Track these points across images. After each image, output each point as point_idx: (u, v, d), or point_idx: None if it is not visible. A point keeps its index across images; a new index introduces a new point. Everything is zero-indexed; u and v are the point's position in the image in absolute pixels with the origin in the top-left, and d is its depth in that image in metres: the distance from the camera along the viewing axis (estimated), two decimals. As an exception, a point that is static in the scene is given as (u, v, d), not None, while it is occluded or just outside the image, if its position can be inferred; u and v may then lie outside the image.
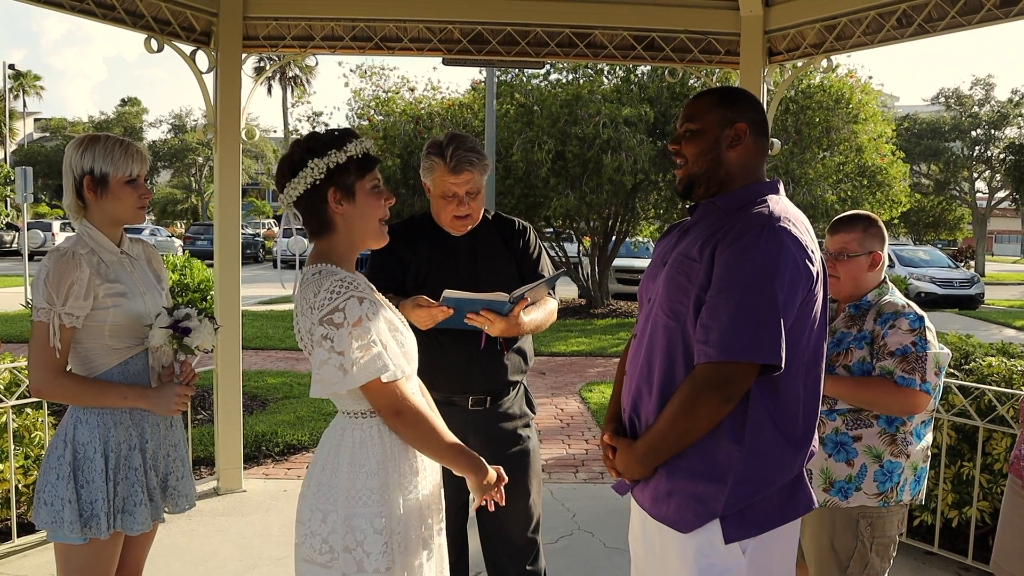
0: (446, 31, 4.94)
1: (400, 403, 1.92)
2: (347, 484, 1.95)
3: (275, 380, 8.54)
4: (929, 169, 35.13)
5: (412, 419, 1.93)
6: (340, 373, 1.85)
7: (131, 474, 2.35)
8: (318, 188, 1.95)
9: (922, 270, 20.55)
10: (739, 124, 1.99)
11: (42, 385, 2.27)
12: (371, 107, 15.39)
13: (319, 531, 1.95)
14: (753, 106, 2.04)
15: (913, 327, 2.56)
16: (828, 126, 14.11)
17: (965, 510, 3.99)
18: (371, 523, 1.92)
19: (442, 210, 2.79)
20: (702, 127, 2.02)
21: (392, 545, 1.94)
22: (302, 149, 1.98)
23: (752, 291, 1.80)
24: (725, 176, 2.00)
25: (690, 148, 2.03)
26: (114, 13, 4.33)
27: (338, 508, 1.94)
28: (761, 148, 2.03)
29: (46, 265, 2.26)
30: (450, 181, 2.72)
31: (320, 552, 1.95)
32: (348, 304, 1.86)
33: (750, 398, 1.86)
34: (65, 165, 2.37)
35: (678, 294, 1.93)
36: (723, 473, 1.87)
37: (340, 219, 1.98)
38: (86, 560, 2.30)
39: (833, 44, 4.78)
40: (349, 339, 1.84)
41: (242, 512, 4.68)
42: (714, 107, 2.03)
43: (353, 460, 1.96)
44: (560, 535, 4.38)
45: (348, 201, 1.97)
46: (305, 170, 1.94)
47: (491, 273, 2.82)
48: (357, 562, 1.91)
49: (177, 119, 49.70)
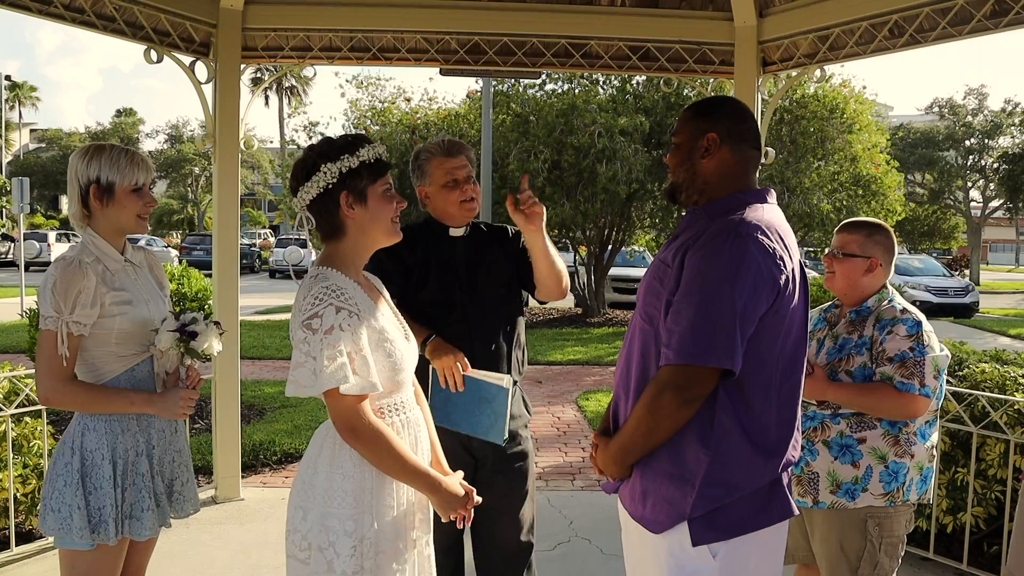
0: (443, 42, 4.98)
1: (354, 420, 1.92)
2: (325, 484, 1.98)
3: (272, 389, 8.55)
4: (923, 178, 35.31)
5: (366, 437, 1.93)
6: (312, 377, 1.88)
7: (138, 480, 2.37)
8: (330, 192, 1.99)
9: (917, 279, 20.63)
10: (710, 134, 2.03)
11: (51, 393, 2.29)
12: (367, 117, 15.45)
13: (300, 527, 1.99)
14: (730, 115, 2.08)
15: (911, 332, 2.59)
16: (823, 136, 14.20)
17: (960, 516, 4.02)
18: (343, 524, 1.95)
19: (448, 201, 2.83)
20: (680, 140, 2.11)
21: (361, 550, 1.95)
22: (316, 154, 2.01)
23: (712, 296, 1.83)
24: (704, 185, 2.05)
25: (672, 159, 2.13)
26: (114, 24, 4.37)
27: (316, 506, 1.97)
28: (742, 156, 2.06)
29: (53, 274, 2.28)
30: (449, 165, 2.81)
31: (300, 548, 1.98)
32: (326, 312, 1.90)
33: (717, 402, 1.89)
34: (70, 174, 2.40)
35: (652, 298, 1.99)
36: (691, 475, 1.90)
37: (351, 223, 2.02)
38: (91, 566, 2.32)
39: (826, 54, 4.83)
40: (320, 345, 1.88)
41: (240, 520, 4.70)
42: (691, 119, 2.11)
43: (332, 461, 1.99)
44: (558, 542, 4.40)
45: (360, 205, 2.01)
46: (318, 174, 1.98)
47: (490, 275, 2.88)
48: (328, 561, 1.94)
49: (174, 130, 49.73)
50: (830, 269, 2.78)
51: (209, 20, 4.75)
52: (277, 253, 30.05)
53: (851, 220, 2.84)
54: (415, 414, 2.14)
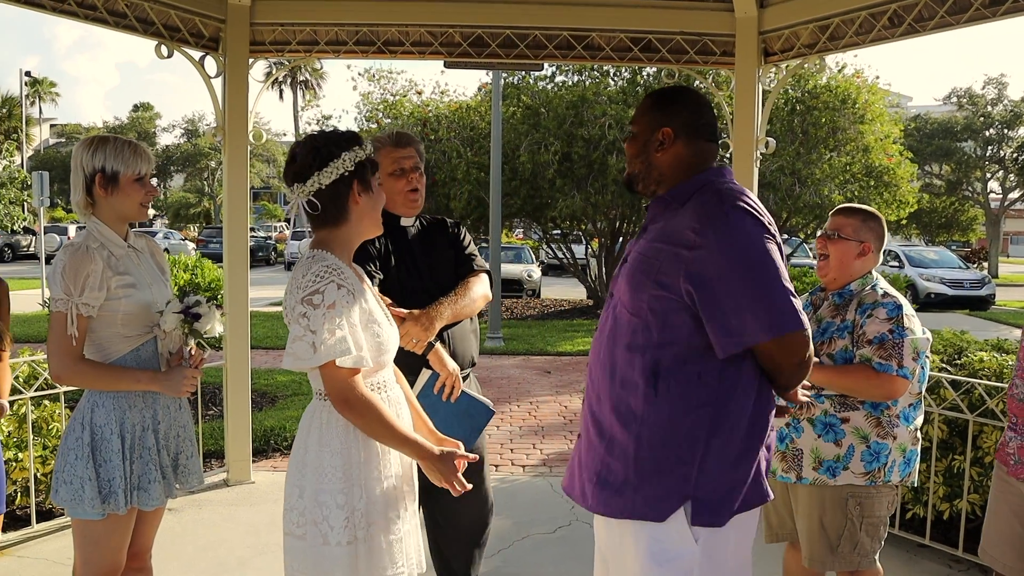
0: (447, 35, 5.06)
1: (347, 391, 2.01)
2: (315, 462, 2.08)
3: (284, 378, 8.69)
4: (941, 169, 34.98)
5: (359, 408, 2.02)
6: (311, 350, 1.98)
7: (145, 453, 2.49)
8: (345, 179, 2.10)
9: (932, 271, 20.50)
10: (665, 129, 2.04)
11: (61, 371, 2.40)
12: (379, 110, 15.52)
13: (297, 505, 2.10)
14: (687, 107, 2.07)
15: (890, 316, 2.66)
16: (834, 126, 14.13)
17: (956, 503, 4.06)
18: (334, 499, 2.05)
19: (394, 190, 2.95)
20: (637, 130, 2.12)
21: (354, 521, 2.05)
22: (331, 143, 2.11)
23: (759, 267, 1.87)
24: (659, 176, 2.07)
25: (629, 149, 2.14)
26: (126, 21, 4.48)
27: (310, 484, 2.08)
28: (697, 150, 2.06)
29: (62, 259, 2.40)
30: (396, 155, 2.95)
31: (297, 525, 2.09)
32: (327, 288, 2.00)
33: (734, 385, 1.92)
34: (74, 164, 2.50)
35: (638, 291, 1.97)
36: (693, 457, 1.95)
37: (355, 210, 2.13)
38: (102, 534, 2.45)
39: (826, 44, 4.87)
40: (322, 320, 1.98)
41: (251, 502, 4.82)
42: (647, 110, 2.11)
43: (321, 439, 2.10)
44: (558, 525, 4.49)
45: (366, 194, 2.13)
46: (337, 161, 2.08)
47: (441, 261, 3.04)
48: (323, 535, 2.05)
49: (190, 124, 50.08)
50: (823, 251, 2.84)
51: (218, 16, 4.85)
52: (292, 246, 30.24)
53: (847, 205, 2.92)
54: (396, 392, 2.24)
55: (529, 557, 4.06)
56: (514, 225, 23.75)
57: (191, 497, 4.83)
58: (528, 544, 4.22)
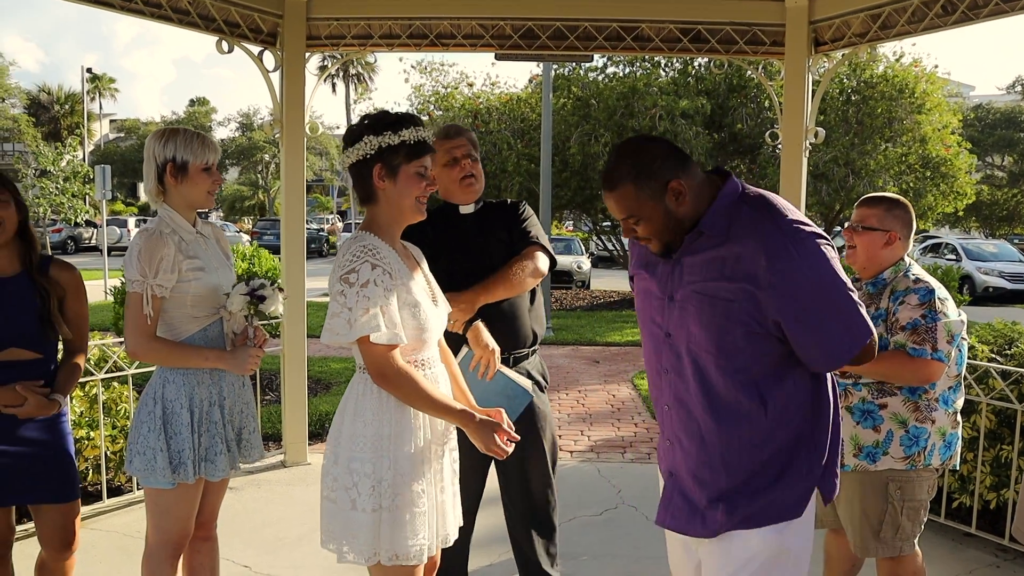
0: (498, 27, 5.16)
1: (384, 365, 2.12)
2: (349, 430, 2.20)
3: (338, 365, 8.90)
4: (1003, 160, 34.03)
5: (395, 380, 2.12)
6: (346, 326, 2.09)
7: (212, 427, 2.65)
8: (367, 162, 2.20)
9: (990, 264, 20.01)
10: (671, 184, 1.94)
11: (137, 348, 2.55)
12: (431, 102, 15.72)
13: (332, 471, 2.22)
14: (659, 154, 1.97)
15: (922, 301, 2.68)
16: (890, 116, 13.91)
17: (1003, 492, 4.04)
18: (363, 467, 2.16)
19: (449, 179, 3.05)
20: (644, 215, 1.98)
21: (380, 490, 2.15)
22: (363, 125, 2.23)
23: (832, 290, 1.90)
24: (688, 221, 1.98)
25: (647, 231, 2.00)
26: (188, 18, 4.66)
27: (343, 451, 2.19)
28: (692, 171, 1.99)
29: (137, 243, 2.55)
30: (446, 146, 3.03)
31: (331, 489, 2.21)
32: (362, 267, 2.11)
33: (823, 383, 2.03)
34: (147, 154, 2.66)
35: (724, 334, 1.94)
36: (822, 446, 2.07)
37: (382, 193, 2.23)
38: (172, 503, 2.60)
39: (878, 33, 4.85)
40: (356, 297, 2.09)
41: (307, 482, 5.00)
42: (638, 193, 1.96)
43: (356, 409, 2.21)
44: (604, 508, 4.58)
45: (390, 179, 2.21)
46: (359, 144, 2.20)
47: (498, 246, 3.07)
48: (351, 500, 2.16)
49: (245, 118, 51.00)
50: (851, 243, 2.87)
51: (276, 11, 5.01)
52: (344, 238, 30.72)
53: (871, 195, 2.93)
54: (439, 370, 2.33)
55: (576, 537, 4.16)
56: (564, 217, 23.79)
57: (250, 477, 5.02)
58: (575, 525, 4.32)
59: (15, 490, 2.66)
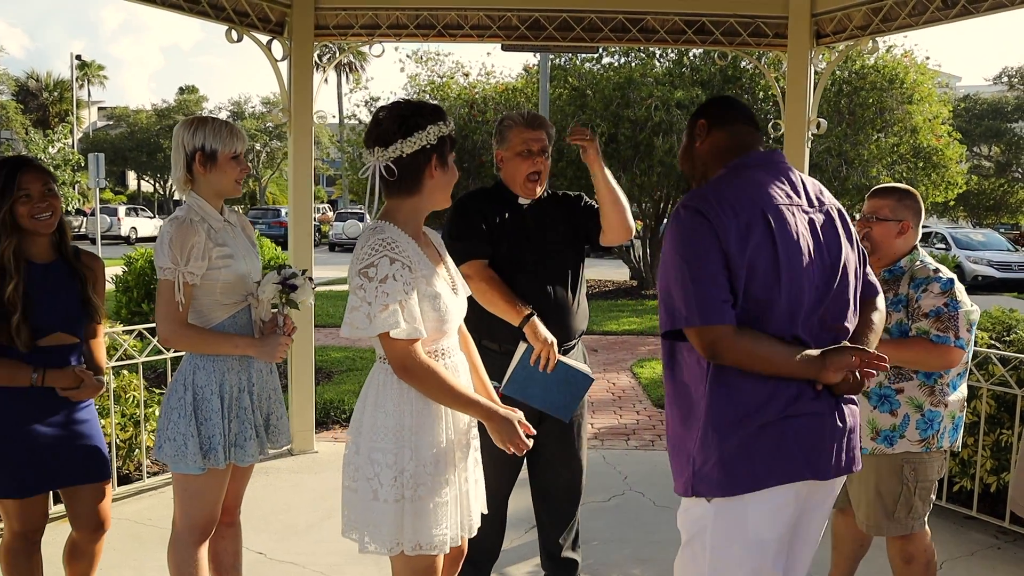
0: (505, 18, 5.19)
1: (406, 360, 2.12)
2: (370, 421, 2.21)
3: (338, 354, 8.94)
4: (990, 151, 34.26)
5: (418, 374, 2.13)
6: (366, 321, 2.09)
7: (242, 413, 2.69)
8: (426, 151, 2.17)
9: (979, 253, 20.21)
10: (699, 121, 2.25)
11: (169, 334, 2.59)
12: (427, 92, 15.68)
13: (353, 461, 2.25)
14: (716, 104, 2.30)
15: (944, 289, 2.76)
16: (882, 107, 14.00)
17: (1003, 476, 4.14)
18: (385, 458, 2.16)
19: (518, 170, 3.06)
20: (683, 141, 2.34)
21: (402, 481, 2.15)
22: (418, 113, 2.18)
23: (670, 268, 2.07)
24: (703, 167, 2.24)
25: (680, 161, 2.37)
26: (199, 7, 4.68)
27: (364, 442, 2.21)
28: (735, 131, 2.21)
29: (168, 231, 2.58)
30: (527, 135, 3.02)
31: (353, 479, 2.24)
32: (381, 262, 2.09)
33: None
34: (175, 143, 2.68)
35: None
36: None
37: (430, 183, 2.22)
38: (202, 487, 2.64)
39: (879, 26, 4.90)
40: (375, 292, 2.07)
41: (314, 470, 5.05)
42: (688, 125, 2.33)
43: (376, 400, 2.21)
44: (612, 494, 4.65)
45: (442, 169, 2.22)
46: (421, 132, 2.15)
47: (555, 236, 3.11)
48: (373, 491, 2.18)
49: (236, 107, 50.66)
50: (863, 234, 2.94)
51: (284, 1, 5.03)
52: (336, 227, 30.63)
53: (881, 186, 3.01)
54: (458, 358, 2.34)
55: (587, 523, 4.19)
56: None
57: (258, 465, 4.97)
58: (584, 511, 4.31)
59: (56, 475, 2.71)
